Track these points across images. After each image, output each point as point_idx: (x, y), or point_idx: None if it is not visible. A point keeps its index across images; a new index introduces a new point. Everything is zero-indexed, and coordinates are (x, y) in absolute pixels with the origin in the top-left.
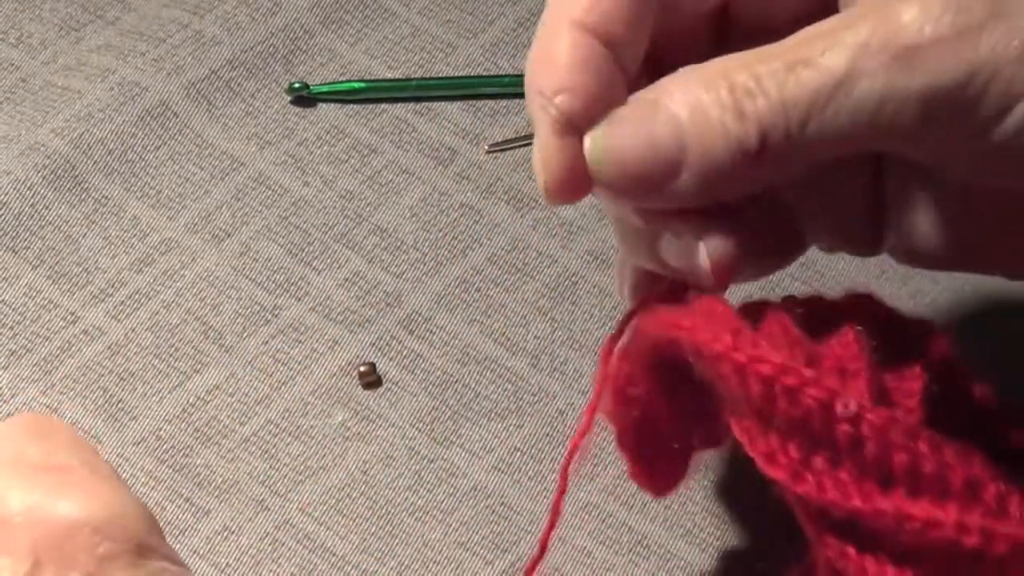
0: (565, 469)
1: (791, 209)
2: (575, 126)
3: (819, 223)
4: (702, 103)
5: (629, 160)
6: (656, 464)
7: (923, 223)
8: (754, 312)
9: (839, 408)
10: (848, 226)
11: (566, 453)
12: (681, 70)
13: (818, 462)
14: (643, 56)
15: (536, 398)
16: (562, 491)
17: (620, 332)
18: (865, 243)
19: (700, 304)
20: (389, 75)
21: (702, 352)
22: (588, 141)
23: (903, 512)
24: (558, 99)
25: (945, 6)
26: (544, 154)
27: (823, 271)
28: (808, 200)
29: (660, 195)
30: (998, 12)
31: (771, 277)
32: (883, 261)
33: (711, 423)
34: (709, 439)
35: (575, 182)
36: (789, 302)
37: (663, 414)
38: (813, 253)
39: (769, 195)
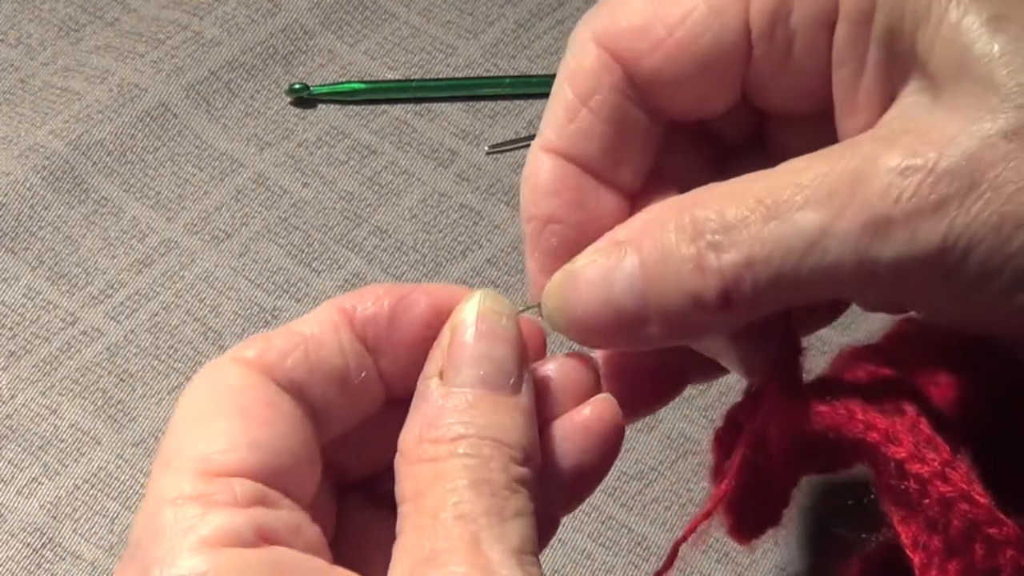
0: (678, 545)
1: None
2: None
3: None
4: (666, 252)
5: (590, 322)
6: (758, 523)
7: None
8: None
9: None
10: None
11: (684, 531)
12: (659, 204)
13: None
14: (642, 172)
15: None
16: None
17: (747, 413)
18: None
19: (887, 403)
20: (389, 76)
21: (882, 455)
22: (544, 302)
23: None
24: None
25: (925, 174)
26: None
27: None
28: None
29: (629, 343)
30: (976, 183)
31: None
32: None
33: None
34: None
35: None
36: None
37: (781, 479)
38: None
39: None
